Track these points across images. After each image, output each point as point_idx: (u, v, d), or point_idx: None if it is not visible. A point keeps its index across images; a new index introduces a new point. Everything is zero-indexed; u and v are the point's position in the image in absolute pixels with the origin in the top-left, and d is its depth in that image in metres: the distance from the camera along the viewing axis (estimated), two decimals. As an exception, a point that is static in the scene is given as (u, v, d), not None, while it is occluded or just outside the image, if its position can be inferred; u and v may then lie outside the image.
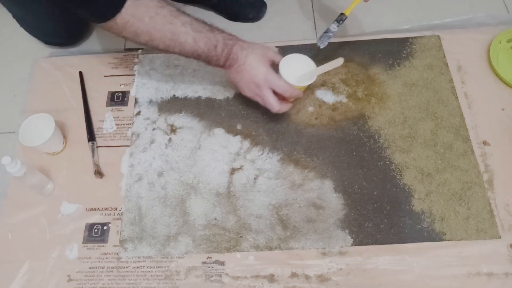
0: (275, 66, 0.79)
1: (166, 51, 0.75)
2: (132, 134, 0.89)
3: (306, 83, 0.81)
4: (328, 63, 0.79)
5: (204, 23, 0.76)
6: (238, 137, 0.87)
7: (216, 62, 0.77)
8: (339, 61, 0.79)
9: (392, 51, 0.95)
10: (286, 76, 0.78)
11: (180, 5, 1.06)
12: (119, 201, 0.82)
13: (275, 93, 0.78)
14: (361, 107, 0.89)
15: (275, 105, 0.78)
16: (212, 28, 0.76)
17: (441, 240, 0.76)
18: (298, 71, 0.81)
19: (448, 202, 0.79)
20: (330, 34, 0.87)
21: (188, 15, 0.75)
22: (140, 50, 0.99)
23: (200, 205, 0.81)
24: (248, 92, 0.80)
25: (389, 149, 0.84)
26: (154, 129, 0.89)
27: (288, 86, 0.77)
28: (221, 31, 0.77)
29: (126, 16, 0.69)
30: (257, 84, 0.77)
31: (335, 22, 0.86)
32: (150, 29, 0.71)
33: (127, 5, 0.68)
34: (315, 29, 1.04)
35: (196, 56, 0.76)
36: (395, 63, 0.93)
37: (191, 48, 0.74)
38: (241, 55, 0.76)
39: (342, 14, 0.87)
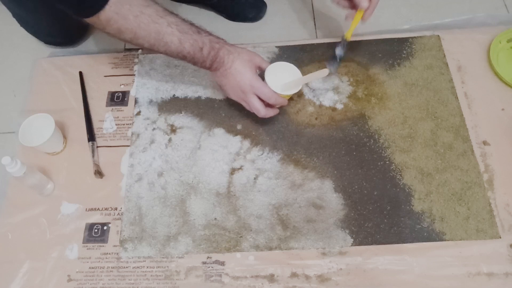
0: (261, 72, 0.79)
1: (150, 49, 0.75)
2: (132, 134, 0.89)
3: (291, 92, 0.80)
4: (313, 73, 0.78)
5: (192, 24, 0.75)
6: (238, 137, 0.87)
7: (202, 64, 0.77)
8: (324, 72, 0.77)
9: (392, 51, 0.95)
10: (271, 83, 0.77)
11: (177, 5, 1.06)
12: (119, 201, 0.82)
13: (260, 98, 0.78)
14: (361, 107, 0.89)
15: (261, 110, 0.78)
16: (199, 30, 0.75)
17: (441, 240, 0.76)
18: (284, 79, 0.80)
19: (448, 202, 0.79)
20: (338, 59, 0.87)
21: (176, 15, 0.74)
22: (140, 50, 0.99)
23: (200, 205, 0.81)
24: (233, 96, 0.81)
25: (389, 149, 0.84)
26: (154, 129, 0.89)
27: (273, 93, 0.77)
28: (209, 34, 0.76)
29: (109, 13, 0.68)
30: (243, 90, 0.78)
31: (339, 46, 0.87)
32: (135, 28, 0.70)
33: (111, 2, 0.67)
34: (315, 29, 1.04)
35: (182, 57, 0.76)
36: (395, 63, 0.93)
37: (176, 49, 0.74)
38: (227, 59, 0.76)
39: (343, 38, 0.86)
